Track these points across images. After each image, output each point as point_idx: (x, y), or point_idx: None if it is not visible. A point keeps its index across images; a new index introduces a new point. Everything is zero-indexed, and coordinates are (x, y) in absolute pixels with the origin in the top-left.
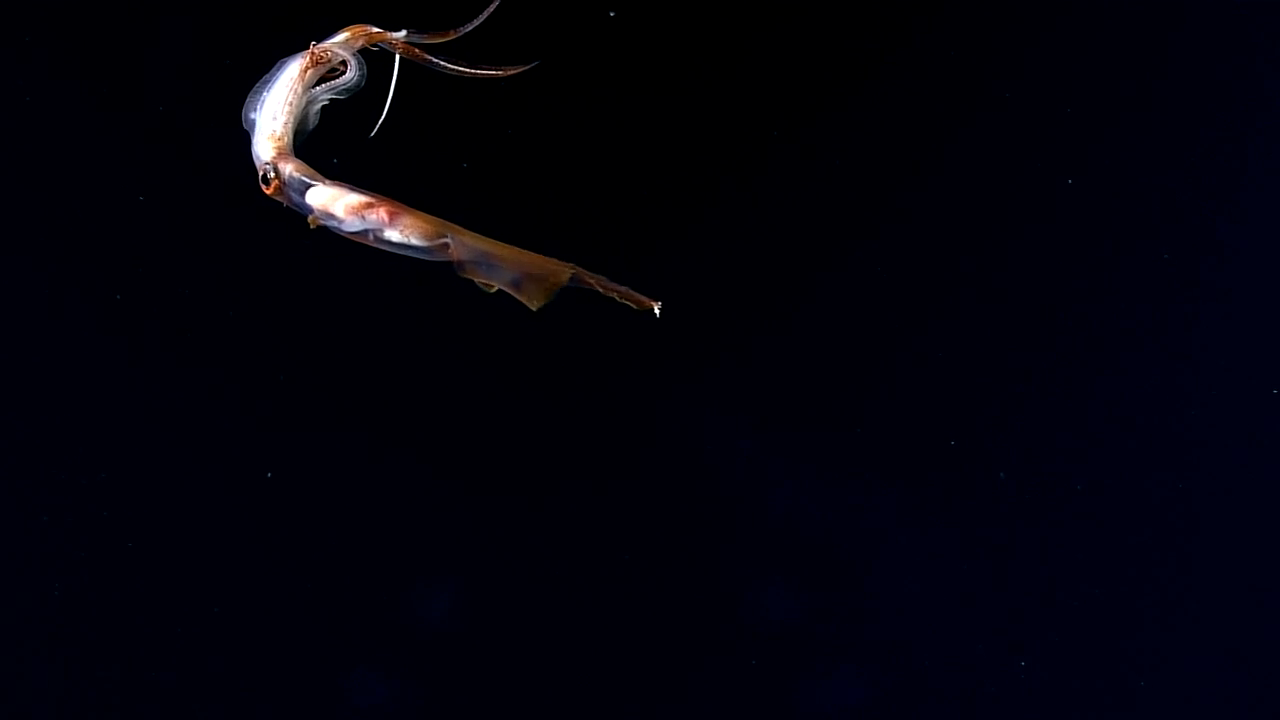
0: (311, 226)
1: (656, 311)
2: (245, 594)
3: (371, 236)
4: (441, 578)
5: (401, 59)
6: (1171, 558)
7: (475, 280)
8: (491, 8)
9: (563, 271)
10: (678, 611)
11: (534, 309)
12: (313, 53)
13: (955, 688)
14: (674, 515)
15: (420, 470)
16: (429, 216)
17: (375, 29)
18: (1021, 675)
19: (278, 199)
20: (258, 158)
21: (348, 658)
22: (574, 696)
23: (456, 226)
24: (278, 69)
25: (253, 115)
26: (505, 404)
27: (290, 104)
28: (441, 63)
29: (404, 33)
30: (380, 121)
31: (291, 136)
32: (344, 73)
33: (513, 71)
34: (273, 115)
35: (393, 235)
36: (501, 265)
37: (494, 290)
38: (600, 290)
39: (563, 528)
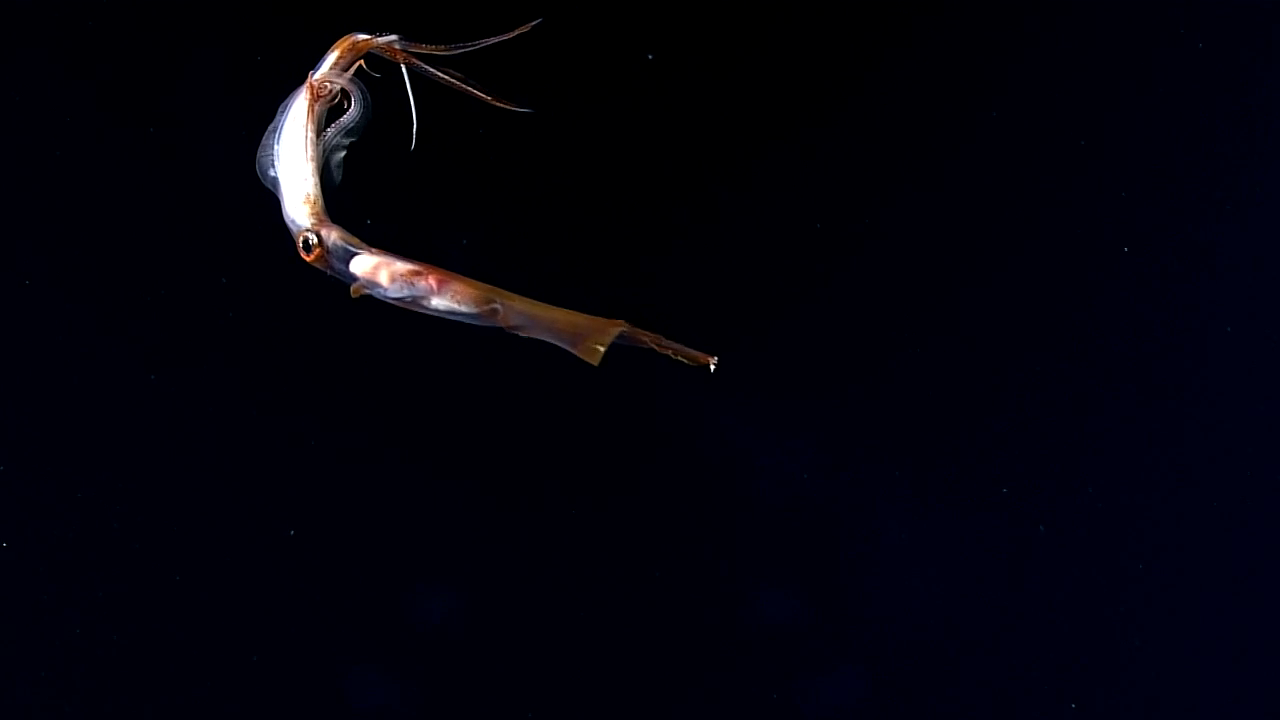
0: (354, 295)
1: (712, 367)
2: (246, 594)
3: (417, 302)
4: (441, 578)
5: (405, 69)
6: (1181, 562)
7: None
8: (499, 38)
9: (614, 330)
10: (677, 611)
11: (594, 363)
12: (311, 85)
13: (956, 688)
14: (674, 514)
15: (418, 470)
16: (477, 283)
17: (362, 36)
18: (1023, 676)
19: (318, 267)
20: (293, 224)
21: (348, 658)
22: (574, 696)
23: (505, 292)
24: (282, 114)
25: (272, 171)
26: (503, 403)
27: (312, 158)
28: (439, 73)
29: (394, 37)
30: (413, 136)
31: (322, 196)
32: (348, 105)
33: (508, 106)
34: (299, 174)
35: (440, 303)
36: (552, 327)
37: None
38: (655, 348)
39: (562, 527)
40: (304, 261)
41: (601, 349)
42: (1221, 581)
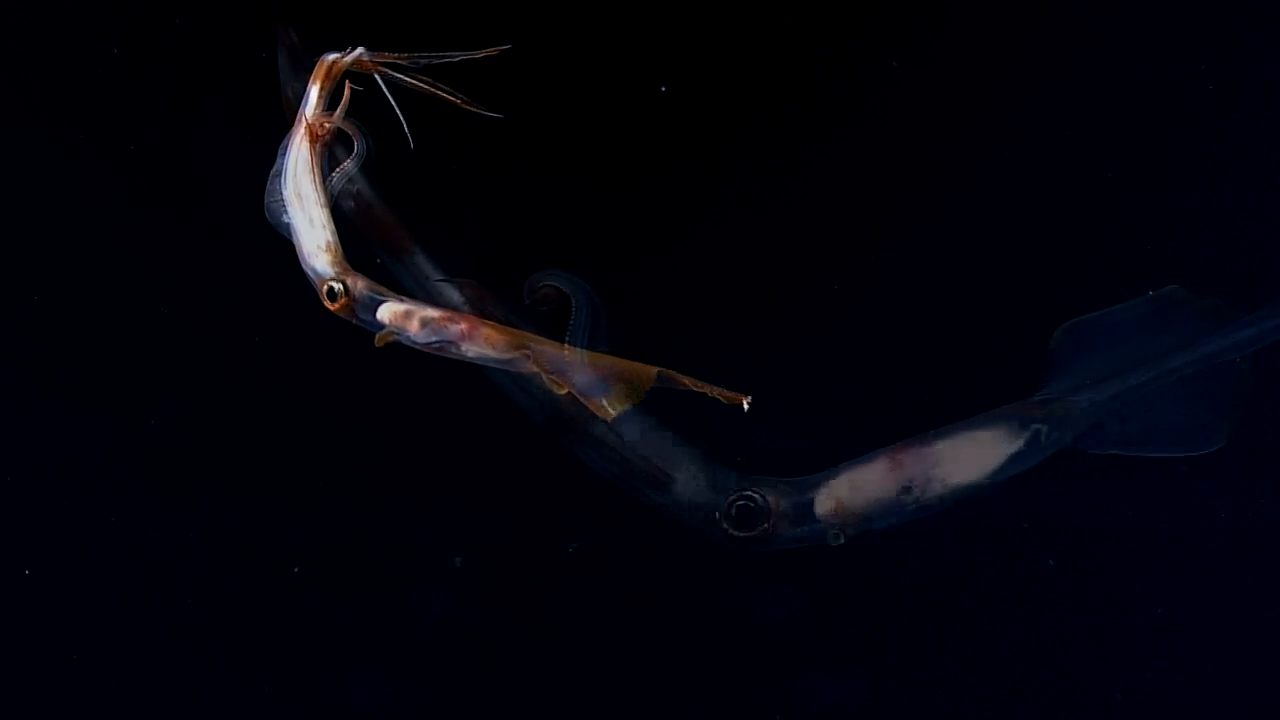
0: (378, 345)
1: (746, 406)
2: (248, 595)
3: (445, 348)
4: (441, 579)
5: (379, 79)
6: (1181, 559)
7: (547, 381)
8: (467, 55)
9: (649, 374)
10: (676, 611)
11: (610, 416)
12: (310, 127)
13: (955, 688)
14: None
15: (419, 473)
16: (509, 329)
17: (332, 56)
18: (1024, 676)
19: (343, 315)
20: (314, 273)
21: (348, 657)
22: (573, 696)
23: (537, 337)
24: (282, 155)
25: (284, 217)
26: (501, 405)
27: (323, 204)
28: (410, 80)
29: (360, 50)
30: (409, 136)
31: (339, 243)
32: (343, 140)
33: (474, 108)
34: (313, 221)
35: (471, 349)
36: (585, 373)
37: (565, 393)
38: (692, 389)
39: (561, 527)
40: (327, 310)
41: (614, 409)
42: (1223, 587)
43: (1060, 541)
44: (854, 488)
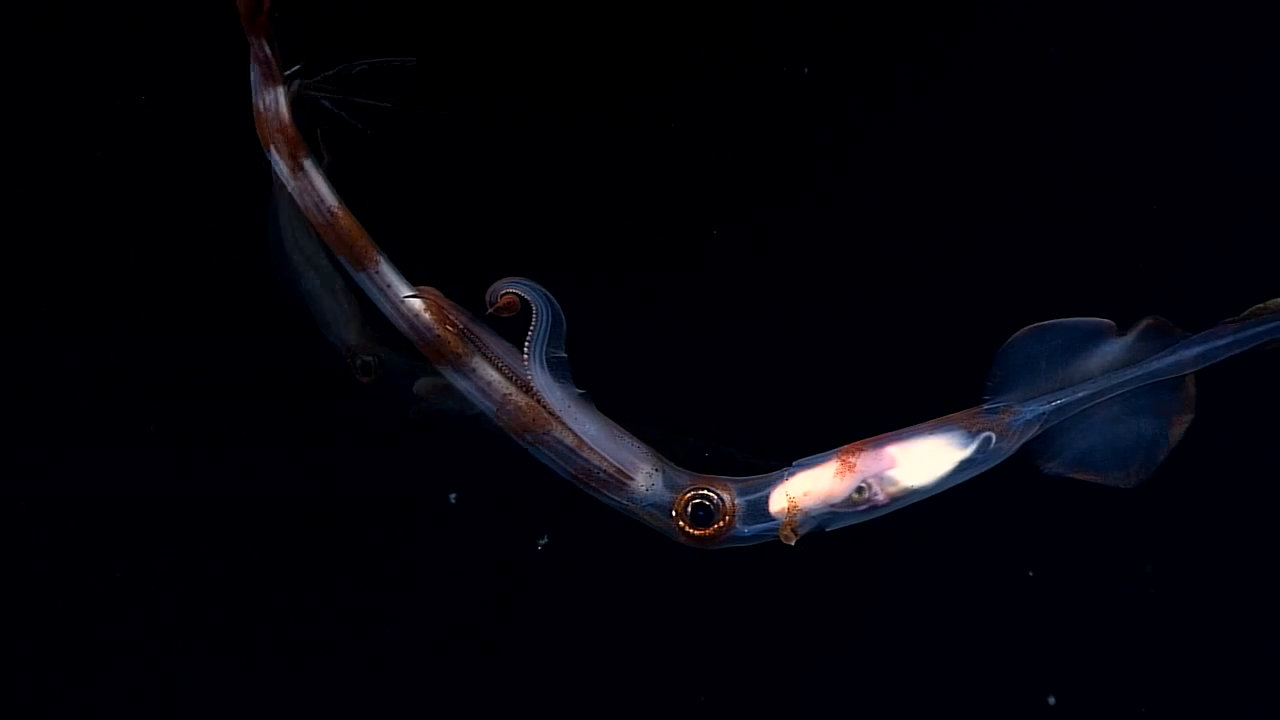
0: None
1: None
2: (248, 597)
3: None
4: (441, 579)
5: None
6: (1181, 554)
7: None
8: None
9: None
10: (675, 611)
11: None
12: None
13: (957, 689)
14: None
15: (421, 475)
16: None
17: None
18: (1024, 677)
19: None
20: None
21: (347, 657)
22: (571, 697)
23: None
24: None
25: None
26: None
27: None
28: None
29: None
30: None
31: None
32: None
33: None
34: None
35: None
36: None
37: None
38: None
39: (560, 526)
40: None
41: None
42: (1224, 588)
43: (1068, 545)
44: (806, 487)
